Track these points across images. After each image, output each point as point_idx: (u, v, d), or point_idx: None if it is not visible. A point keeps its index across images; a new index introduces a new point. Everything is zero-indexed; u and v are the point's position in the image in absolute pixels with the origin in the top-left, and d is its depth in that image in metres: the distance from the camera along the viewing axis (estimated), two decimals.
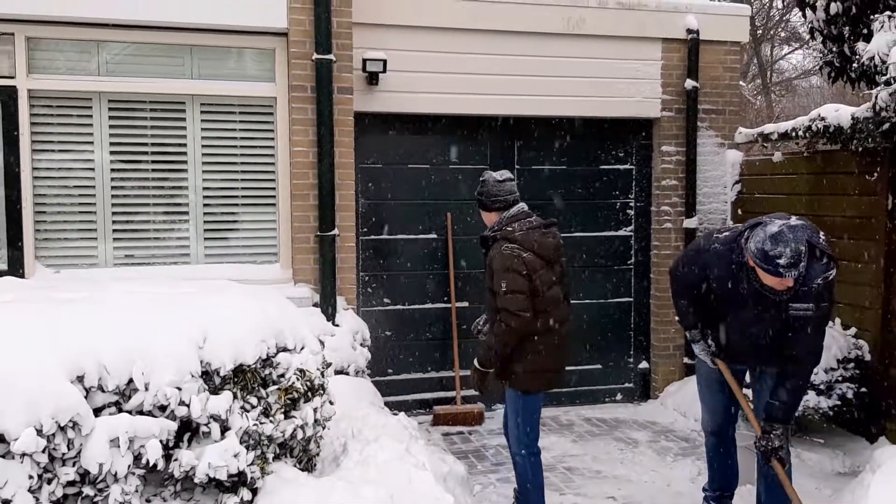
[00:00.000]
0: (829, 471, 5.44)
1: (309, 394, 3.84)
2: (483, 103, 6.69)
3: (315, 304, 5.93)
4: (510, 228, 4.28)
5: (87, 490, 3.13)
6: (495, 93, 6.68)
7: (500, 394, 4.62)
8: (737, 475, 4.57)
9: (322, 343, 4.15)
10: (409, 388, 6.94)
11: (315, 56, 5.83)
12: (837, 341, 5.69)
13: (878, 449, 4.62)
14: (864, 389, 5.68)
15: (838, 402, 5.63)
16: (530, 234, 4.25)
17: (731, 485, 4.56)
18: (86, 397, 3.11)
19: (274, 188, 6.12)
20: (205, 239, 6.04)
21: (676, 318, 4.51)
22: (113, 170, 5.83)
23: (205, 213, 6.03)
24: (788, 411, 3.94)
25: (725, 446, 4.50)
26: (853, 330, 5.91)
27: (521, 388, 4.32)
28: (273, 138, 6.09)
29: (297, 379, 3.76)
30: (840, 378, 5.64)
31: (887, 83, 4.62)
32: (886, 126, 5.14)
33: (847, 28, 5.70)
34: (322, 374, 4.00)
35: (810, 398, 5.54)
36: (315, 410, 3.85)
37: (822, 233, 3.86)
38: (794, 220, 3.72)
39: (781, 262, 3.56)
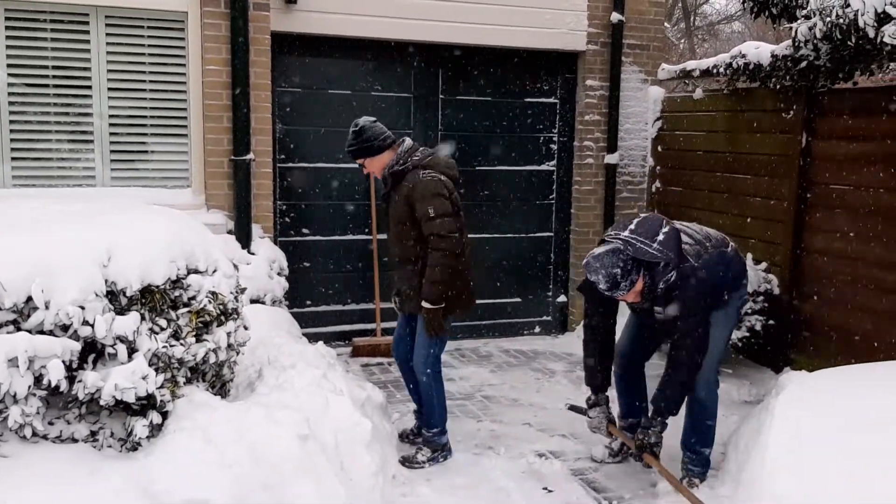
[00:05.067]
0: (736, 399, 5.62)
1: (222, 318, 3.71)
2: (407, 28, 6.47)
3: (230, 232, 5.75)
4: (417, 157, 4.26)
5: None
6: (419, 17, 6.46)
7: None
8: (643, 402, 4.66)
9: (236, 267, 4.02)
10: (328, 319, 6.84)
11: None
12: (748, 275, 5.81)
13: (783, 375, 4.78)
14: (772, 322, 5.86)
15: (747, 334, 5.80)
16: (437, 159, 4.29)
17: (635, 413, 4.65)
18: None
19: (185, 108, 5.84)
20: (111, 161, 5.74)
21: (585, 376, 4.46)
22: (10, 84, 5.45)
23: (111, 133, 5.71)
24: (671, 405, 4.05)
25: (631, 375, 4.59)
26: (764, 265, 6.07)
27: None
28: (184, 55, 5.78)
29: (210, 302, 3.63)
30: (749, 311, 5.79)
31: (807, 17, 4.65)
32: (804, 64, 5.19)
33: None
34: (236, 298, 3.88)
35: None
36: (228, 335, 3.74)
37: (659, 238, 3.80)
38: (609, 246, 3.76)
39: (602, 287, 3.79)
